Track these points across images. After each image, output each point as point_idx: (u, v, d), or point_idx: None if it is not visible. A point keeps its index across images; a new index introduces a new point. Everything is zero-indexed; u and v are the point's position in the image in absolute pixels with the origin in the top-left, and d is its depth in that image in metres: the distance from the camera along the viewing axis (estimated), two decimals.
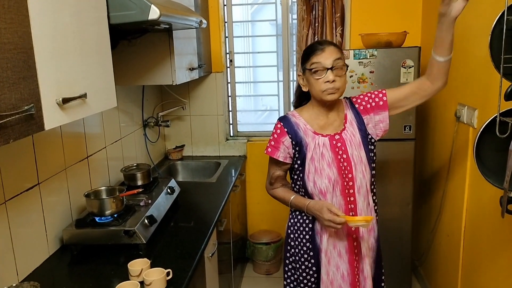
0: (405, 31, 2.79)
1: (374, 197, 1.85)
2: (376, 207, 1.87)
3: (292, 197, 1.83)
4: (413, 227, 2.86)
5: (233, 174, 2.96)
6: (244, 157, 3.39)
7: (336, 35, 3.06)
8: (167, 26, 2.02)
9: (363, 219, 1.66)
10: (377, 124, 1.81)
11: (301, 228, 1.83)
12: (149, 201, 2.05)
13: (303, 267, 1.83)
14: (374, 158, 1.83)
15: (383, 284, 1.96)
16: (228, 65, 3.41)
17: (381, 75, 2.68)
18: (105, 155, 2.35)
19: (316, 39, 3.07)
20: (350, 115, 1.81)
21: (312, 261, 1.82)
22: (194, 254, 1.76)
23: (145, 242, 1.79)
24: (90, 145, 2.18)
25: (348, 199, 1.74)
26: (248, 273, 3.35)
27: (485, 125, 1.50)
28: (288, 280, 1.92)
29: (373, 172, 1.81)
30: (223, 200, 2.41)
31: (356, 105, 1.82)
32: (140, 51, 2.30)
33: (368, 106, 1.80)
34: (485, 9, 2.05)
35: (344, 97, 1.86)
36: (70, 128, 1.99)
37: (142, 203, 2.02)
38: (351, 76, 2.70)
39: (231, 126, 3.53)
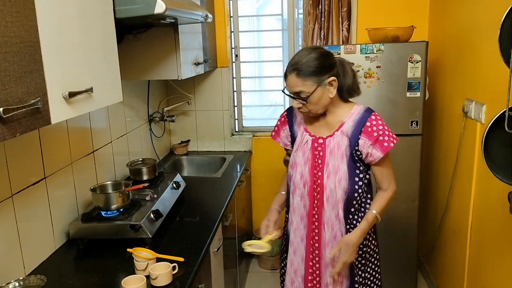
0: (412, 26, 2.76)
1: (353, 214, 1.75)
2: (348, 226, 1.75)
3: (279, 192, 1.94)
4: (419, 223, 2.84)
5: (238, 170, 2.95)
6: (249, 153, 3.38)
7: (342, 30, 3.03)
8: (173, 21, 2.01)
9: (258, 245, 1.79)
10: (368, 155, 1.70)
11: (285, 219, 1.95)
12: (155, 196, 2.05)
13: (282, 257, 2.00)
14: (361, 174, 1.72)
15: None
16: (233, 60, 3.39)
17: (388, 70, 2.66)
18: (111, 149, 2.35)
19: (322, 34, 3.05)
20: (348, 125, 1.70)
21: (285, 249, 1.95)
22: (200, 249, 1.76)
23: (151, 236, 1.79)
24: (96, 140, 2.18)
25: (315, 202, 1.76)
26: (253, 268, 3.36)
27: (494, 120, 1.49)
28: (281, 265, 2.03)
29: (359, 186, 1.72)
30: (229, 195, 2.40)
31: (368, 123, 1.68)
32: (146, 46, 2.30)
33: (375, 134, 1.67)
34: (494, 2, 2.03)
35: (366, 108, 1.74)
36: (76, 122, 1.99)
37: (147, 198, 2.02)
38: (358, 71, 2.67)
39: (236, 121, 3.52)
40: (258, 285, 3.12)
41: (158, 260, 1.60)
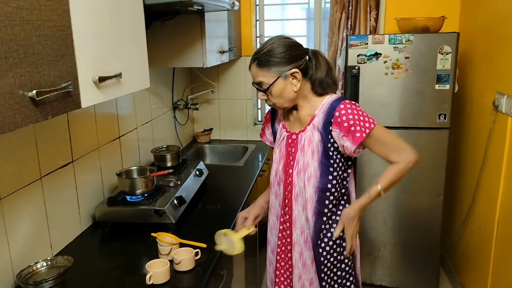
0: (443, 16, 2.69)
1: (326, 217, 1.61)
2: (317, 230, 1.61)
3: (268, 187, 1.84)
4: (443, 218, 2.79)
5: (260, 159, 2.95)
6: None
7: (370, 19, 2.98)
8: (200, 8, 2.01)
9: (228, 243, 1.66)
10: (343, 147, 1.56)
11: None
12: (178, 182, 2.07)
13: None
14: (335, 172, 1.58)
15: None
16: None
17: (416, 61, 2.60)
18: (136, 135, 2.38)
19: (349, 23, 3.00)
20: (318, 117, 1.58)
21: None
22: None
23: (174, 222, 1.81)
24: (122, 126, 2.21)
25: (285, 201, 1.68)
26: None
27: None
28: None
29: (332, 185, 1.58)
30: (250, 184, 2.41)
31: (337, 113, 1.53)
32: (172, 33, 2.31)
33: (345, 124, 1.52)
34: None
35: (337, 97, 1.60)
36: (103, 108, 2.02)
37: (171, 184, 2.04)
38: (385, 62, 2.63)
39: (259, 110, 3.51)
40: None
41: (181, 245, 1.62)
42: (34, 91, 0.95)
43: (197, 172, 2.28)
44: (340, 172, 1.60)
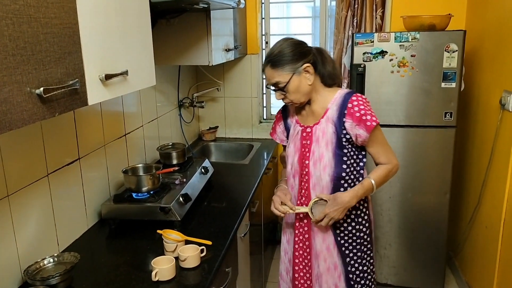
0: (449, 14, 2.67)
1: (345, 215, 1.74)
2: (342, 220, 1.76)
3: (280, 181, 1.92)
4: (449, 217, 2.78)
5: (265, 157, 2.95)
6: None
7: (376, 17, 2.96)
8: (206, 6, 2.01)
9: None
10: (356, 136, 1.67)
11: None
12: (184, 180, 2.08)
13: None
14: (348, 161, 1.69)
15: None
16: (263, 47, 3.37)
17: (422, 59, 2.59)
18: (142, 133, 2.39)
19: (355, 21, 2.99)
20: (332, 110, 1.69)
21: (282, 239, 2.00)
22: (227, 234, 1.78)
23: (180, 219, 1.82)
24: (128, 123, 2.22)
25: (302, 191, 1.78)
26: (278, 255, 3.34)
27: None
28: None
29: (346, 173, 1.70)
30: (256, 182, 2.41)
31: (350, 104, 1.66)
32: (178, 31, 2.31)
33: (357, 114, 1.64)
34: None
35: (347, 91, 1.72)
36: (109, 106, 2.03)
37: (177, 182, 2.05)
38: (391, 60, 2.62)
39: (264, 109, 3.51)
40: None
41: (187, 242, 1.62)
42: (42, 88, 0.96)
43: (203, 170, 2.29)
44: (352, 161, 1.72)
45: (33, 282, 1.37)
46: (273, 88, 1.70)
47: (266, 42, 3.36)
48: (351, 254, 1.80)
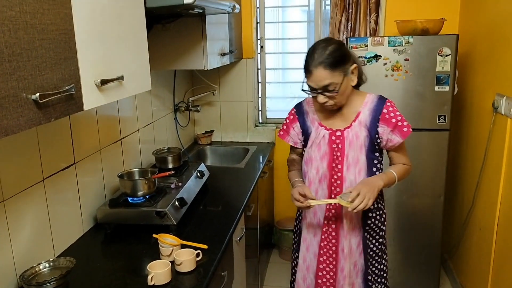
0: (442, 18, 2.70)
1: (374, 204, 1.76)
2: (372, 214, 1.80)
3: (293, 180, 1.86)
4: (444, 219, 2.80)
5: (261, 161, 2.96)
6: (272, 144, 3.39)
7: (370, 22, 2.99)
8: (201, 11, 2.02)
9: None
10: (387, 141, 1.72)
11: (297, 214, 1.98)
12: (180, 184, 2.08)
13: (293, 253, 2.01)
14: (378, 164, 1.76)
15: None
16: (258, 51, 3.39)
17: (416, 63, 2.61)
18: (138, 137, 2.40)
19: (349, 25, 3.01)
20: (364, 114, 1.71)
21: (295, 246, 1.97)
22: (223, 237, 1.78)
23: (175, 223, 1.82)
24: (124, 128, 2.22)
25: (332, 196, 1.76)
26: (274, 259, 3.37)
27: None
28: (292, 264, 2.03)
29: (377, 174, 1.75)
30: (251, 185, 2.42)
31: (385, 110, 1.70)
32: (173, 36, 2.32)
33: (393, 120, 1.69)
34: None
35: (378, 96, 1.75)
36: (105, 110, 2.04)
37: (173, 186, 2.05)
38: (385, 64, 2.64)
39: (260, 112, 3.53)
40: (278, 275, 3.14)
41: (183, 246, 1.63)
42: (37, 94, 0.96)
43: (198, 174, 2.30)
44: (379, 165, 1.77)
45: (28, 287, 1.37)
46: (319, 90, 1.62)
47: (261, 46, 3.38)
48: (373, 254, 1.84)
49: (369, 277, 1.85)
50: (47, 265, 1.48)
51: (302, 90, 1.69)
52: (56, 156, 1.67)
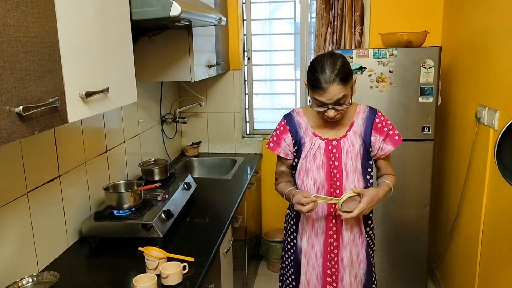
0: (425, 31, 2.76)
1: (371, 212, 1.84)
2: (370, 222, 1.87)
3: (287, 190, 1.81)
4: (430, 229, 2.82)
5: (248, 172, 2.96)
6: (260, 155, 3.39)
7: (355, 34, 3.04)
8: (187, 23, 2.03)
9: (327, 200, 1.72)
10: (379, 149, 1.79)
11: (288, 227, 1.94)
12: (166, 196, 2.07)
13: (283, 265, 1.97)
14: (371, 172, 1.81)
15: None
16: (245, 63, 3.41)
17: (400, 75, 2.66)
18: (124, 149, 2.38)
19: (335, 38, 3.06)
20: (358, 123, 1.77)
21: (290, 259, 1.91)
22: (210, 250, 1.77)
23: (162, 236, 1.81)
24: (110, 140, 2.21)
25: (332, 205, 1.76)
26: (262, 271, 3.36)
27: (507, 127, 1.48)
28: (281, 278, 2.00)
29: (371, 181, 1.80)
30: (239, 197, 2.42)
31: (377, 119, 1.77)
32: (160, 48, 2.33)
33: (385, 129, 1.77)
34: (510, 7, 2.02)
35: (368, 106, 1.81)
36: (90, 122, 2.02)
37: (159, 198, 2.04)
38: (369, 76, 2.68)
39: (247, 124, 3.54)
40: (266, 287, 3.12)
41: (169, 259, 1.61)
42: (21, 107, 0.96)
43: (185, 186, 2.29)
44: (372, 173, 1.81)
45: None
46: (330, 106, 1.62)
47: (248, 58, 3.40)
48: (371, 252, 1.89)
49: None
50: (30, 280, 1.45)
51: (310, 106, 1.70)
52: (40, 168, 1.65)
